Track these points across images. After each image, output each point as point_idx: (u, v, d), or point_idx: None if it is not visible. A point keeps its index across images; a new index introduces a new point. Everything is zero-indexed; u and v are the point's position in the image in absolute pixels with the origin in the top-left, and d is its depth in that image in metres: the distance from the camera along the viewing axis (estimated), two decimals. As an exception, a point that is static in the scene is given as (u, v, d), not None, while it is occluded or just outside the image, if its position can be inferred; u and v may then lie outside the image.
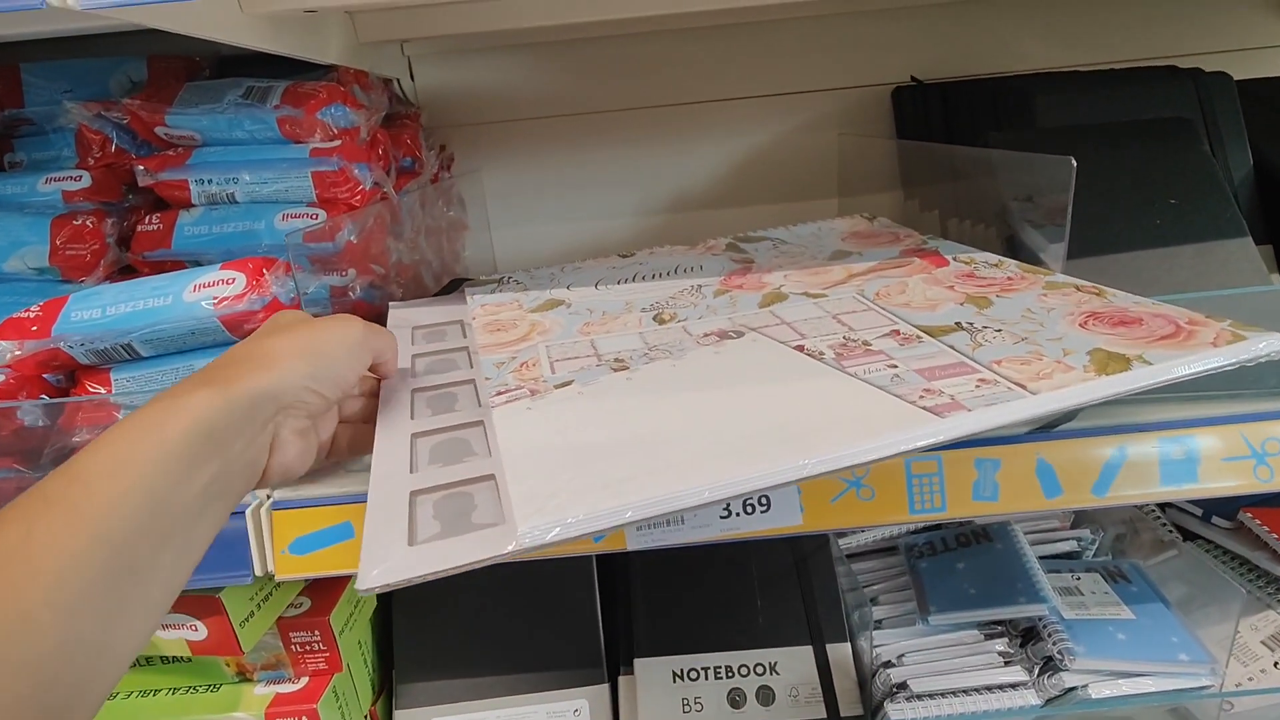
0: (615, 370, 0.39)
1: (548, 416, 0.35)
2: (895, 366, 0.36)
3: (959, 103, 0.74)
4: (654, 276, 0.54)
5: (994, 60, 0.82)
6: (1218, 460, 0.46)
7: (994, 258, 0.49)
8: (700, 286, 0.51)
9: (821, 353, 0.38)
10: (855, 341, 0.39)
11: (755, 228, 0.66)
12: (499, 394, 0.38)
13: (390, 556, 0.29)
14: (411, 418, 0.40)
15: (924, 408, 0.32)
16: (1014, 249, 0.52)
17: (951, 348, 0.37)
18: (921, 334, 0.39)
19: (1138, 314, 0.38)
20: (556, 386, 0.38)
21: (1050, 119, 0.61)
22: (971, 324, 0.40)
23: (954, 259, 0.50)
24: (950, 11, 0.81)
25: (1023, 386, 0.33)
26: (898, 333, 0.40)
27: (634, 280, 0.54)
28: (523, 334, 0.46)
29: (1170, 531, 0.70)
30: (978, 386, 0.33)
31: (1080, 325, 0.38)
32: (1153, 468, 0.46)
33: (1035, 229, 0.49)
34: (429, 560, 0.29)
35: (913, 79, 0.81)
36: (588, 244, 0.91)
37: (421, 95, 0.85)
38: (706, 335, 0.42)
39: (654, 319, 0.46)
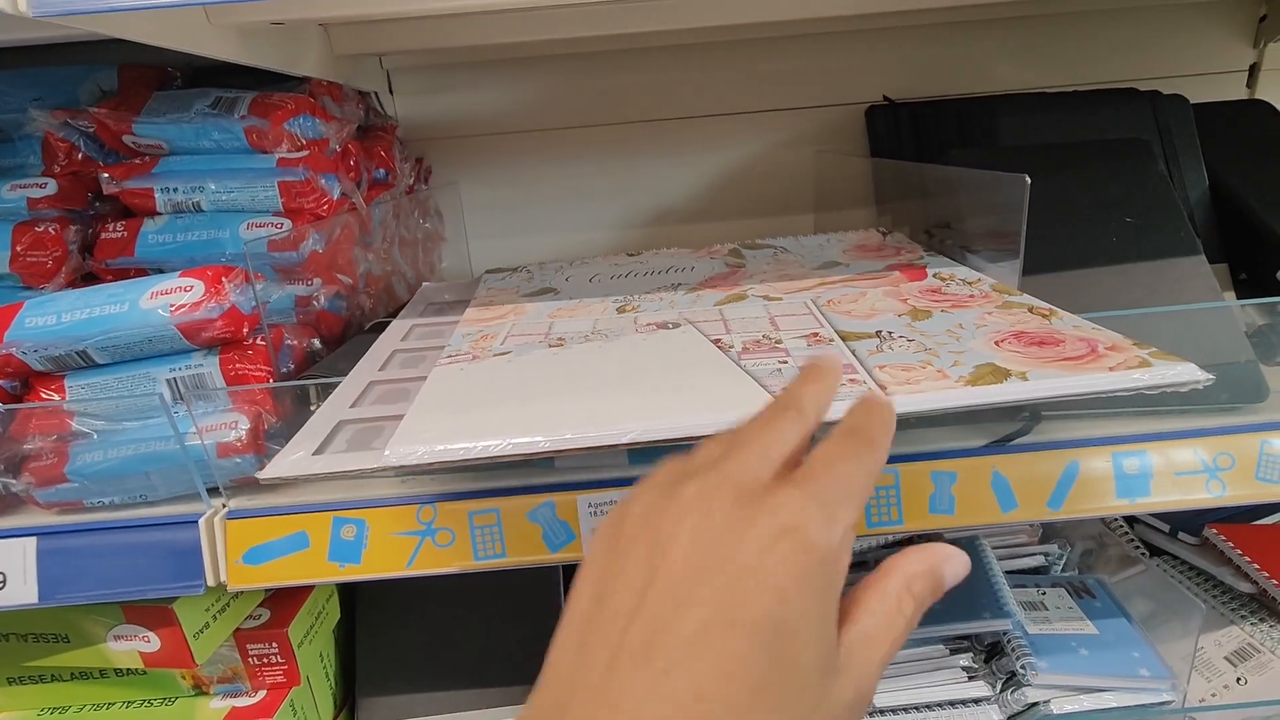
0: (551, 346, 0.43)
1: (470, 375, 0.40)
2: (785, 363, 0.38)
3: (928, 122, 0.75)
4: (647, 274, 0.58)
5: (965, 81, 0.83)
6: (1171, 474, 0.46)
7: (974, 275, 0.50)
8: (678, 285, 0.54)
9: (732, 345, 0.41)
10: (770, 339, 0.42)
11: (743, 239, 0.67)
12: (447, 357, 0.43)
13: (296, 458, 0.36)
14: (380, 370, 0.46)
15: (773, 394, 0.34)
16: (973, 266, 0.53)
17: (853, 352, 0.39)
18: (836, 338, 0.41)
19: (1065, 336, 0.38)
20: (495, 355, 0.43)
21: (1012, 138, 0.62)
22: (891, 333, 0.41)
23: (934, 274, 0.51)
24: (923, 33, 0.83)
25: (883, 388, 0.35)
26: (816, 335, 0.42)
27: (628, 277, 0.57)
28: (501, 314, 0.51)
29: (1137, 547, 0.71)
30: (843, 386, 0.35)
31: (996, 343, 0.38)
32: (1107, 481, 0.47)
33: (991, 246, 0.50)
34: (321, 465, 0.35)
35: (885, 98, 0.82)
36: (566, 257, 0.91)
37: (400, 109, 0.86)
38: (648, 325, 0.45)
39: (616, 310, 0.49)
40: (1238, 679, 0.59)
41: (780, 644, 0.19)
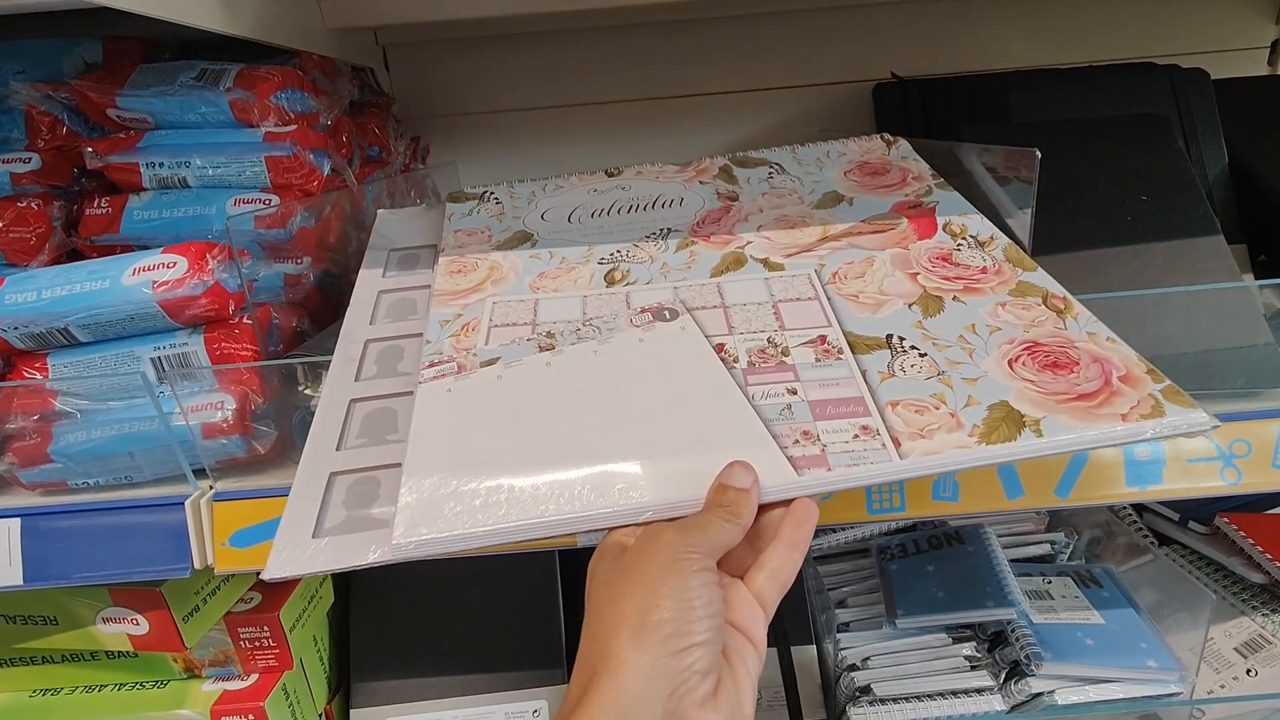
0: (541, 350, 0.41)
1: (461, 403, 0.38)
2: (794, 393, 0.37)
3: (937, 99, 0.73)
4: (631, 209, 0.54)
5: (975, 57, 0.81)
6: (1184, 462, 0.45)
7: (987, 230, 0.46)
8: (669, 232, 0.51)
9: (737, 359, 0.39)
10: (775, 348, 0.40)
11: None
12: (430, 366, 0.41)
13: (296, 547, 0.34)
14: (357, 379, 0.43)
15: (789, 457, 0.34)
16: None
17: (864, 374, 0.37)
18: (845, 347, 0.39)
19: (1079, 354, 0.37)
20: (483, 364, 0.40)
21: (1024, 115, 0.60)
22: (902, 340, 0.39)
23: (944, 227, 0.47)
24: (932, 8, 0.80)
25: (898, 443, 0.34)
26: (824, 340, 0.40)
27: (610, 212, 0.54)
28: (478, 282, 0.48)
29: (1145, 536, 0.69)
30: (856, 437, 0.34)
31: (1009, 364, 0.37)
32: (1117, 468, 0.45)
33: (1001, 222, 0.48)
34: (326, 558, 0.34)
35: (892, 75, 0.80)
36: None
37: (397, 86, 0.84)
38: (642, 311, 0.43)
39: (604, 278, 0.47)
40: (1248, 670, 0.58)
41: None
